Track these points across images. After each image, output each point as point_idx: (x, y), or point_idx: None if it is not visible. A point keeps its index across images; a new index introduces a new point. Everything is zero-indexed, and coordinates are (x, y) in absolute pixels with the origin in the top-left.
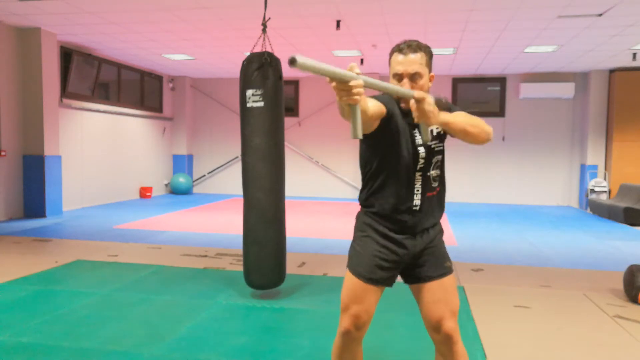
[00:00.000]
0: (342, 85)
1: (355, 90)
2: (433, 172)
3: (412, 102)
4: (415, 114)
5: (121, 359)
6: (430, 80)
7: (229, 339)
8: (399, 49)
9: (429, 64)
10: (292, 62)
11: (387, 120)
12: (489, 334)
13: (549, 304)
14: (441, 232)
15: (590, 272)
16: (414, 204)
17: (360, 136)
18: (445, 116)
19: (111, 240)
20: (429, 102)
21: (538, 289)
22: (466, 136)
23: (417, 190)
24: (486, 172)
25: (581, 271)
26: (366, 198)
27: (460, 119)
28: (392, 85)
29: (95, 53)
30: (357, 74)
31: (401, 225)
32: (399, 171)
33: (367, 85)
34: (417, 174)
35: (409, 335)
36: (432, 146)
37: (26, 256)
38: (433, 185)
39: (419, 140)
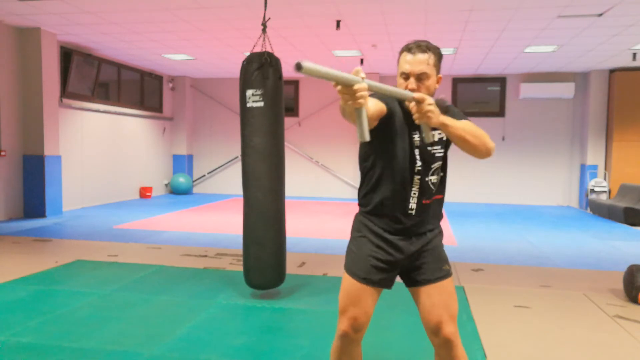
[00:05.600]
0: (347, 90)
1: (359, 94)
2: (432, 178)
3: (412, 103)
4: (415, 115)
5: (121, 359)
6: (437, 82)
7: (229, 339)
8: (408, 48)
9: (437, 65)
10: (298, 68)
11: (387, 119)
12: (489, 334)
13: (549, 304)
14: (440, 234)
15: (590, 272)
16: (409, 207)
17: (368, 138)
18: (446, 118)
19: (111, 240)
20: (429, 102)
21: (538, 289)
22: (464, 144)
23: (414, 194)
24: (486, 172)
25: (581, 271)
26: (363, 196)
27: (461, 125)
28: (392, 88)
29: (95, 53)
30: (362, 78)
31: (396, 227)
32: (395, 171)
33: (370, 89)
34: (415, 178)
35: (409, 335)
36: (432, 151)
37: (26, 256)
38: (432, 191)
39: (418, 142)
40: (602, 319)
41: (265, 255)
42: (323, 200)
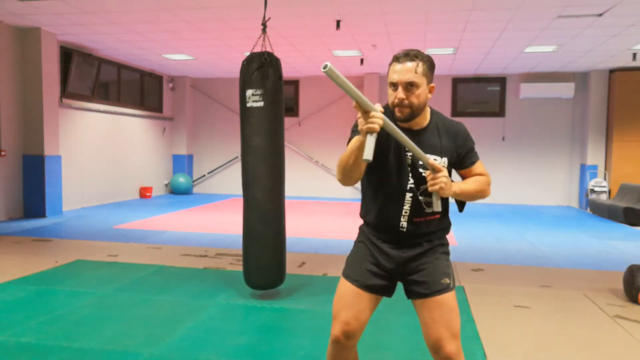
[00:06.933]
0: (364, 114)
1: (374, 120)
2: (425, 197)
3: (428, 171)
4: (430, 182)
5: (121, 359)
6: (430, 92)
7: (229, 339)
8: (396, 58)
9: (428, 74)
10: (325, 67)
11: (378, 139)
12: (489, 334)
13: (549, 304)
14: (441, 247)
15: (590, 272)
16: (400, 224)
17: (371, 159)
18: (458, 188)
19: (111, 240)
20: (444, 175)
21: (538, 289)
22: (471, 200)
23: (405, 212)
24: None
25: (581, 271)
26: (361, 210)
27: (470, 188)
28: (410, 142)
29: (95, 53)
30: (381, 112)
31: (388, 237)
32: (387, 188)
33: (385, 125)
34: (407, 195)
35: (408, 336)
36: (423, 174)
37: (26, 256)
38: (425, 210)
39: (409, 161)
40: (602, 319)
41: (265, 255)
42: (323, 200)
